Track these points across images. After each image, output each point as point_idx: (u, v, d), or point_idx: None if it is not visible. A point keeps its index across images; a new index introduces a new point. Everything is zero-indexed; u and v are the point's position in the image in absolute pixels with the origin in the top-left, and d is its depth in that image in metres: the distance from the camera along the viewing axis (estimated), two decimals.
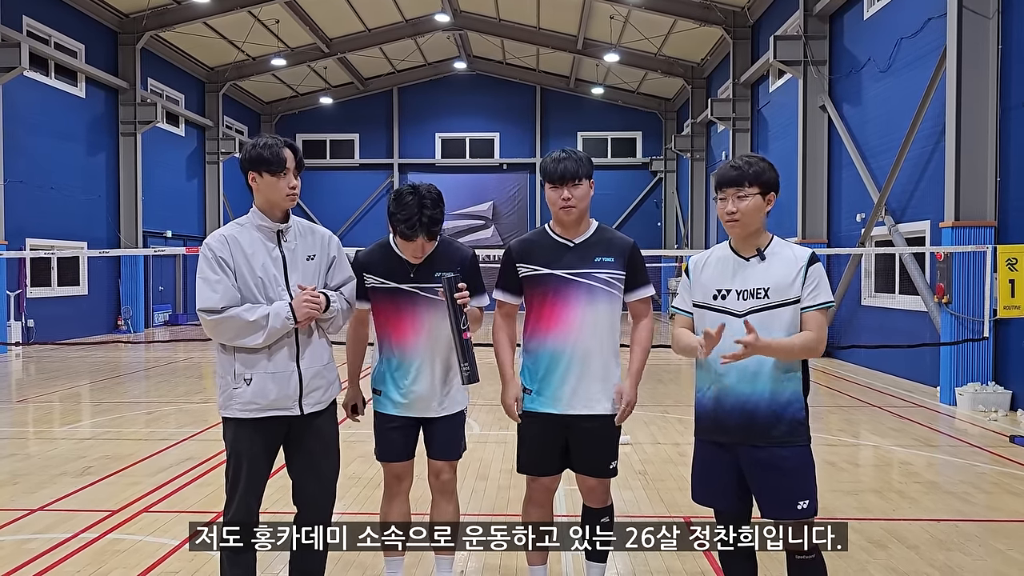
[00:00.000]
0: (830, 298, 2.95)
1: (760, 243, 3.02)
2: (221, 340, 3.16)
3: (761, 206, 2.98)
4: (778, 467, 2.91)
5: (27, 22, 16.53)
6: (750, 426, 2.93)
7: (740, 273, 3.01)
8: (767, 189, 2.98)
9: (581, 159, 3.37)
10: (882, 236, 12.42)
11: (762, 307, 2.94)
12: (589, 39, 23.28)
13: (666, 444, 7.26)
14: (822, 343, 2.91)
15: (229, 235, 3.19)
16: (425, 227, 3.35)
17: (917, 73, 11.18)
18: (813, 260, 2.96)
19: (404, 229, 3.35)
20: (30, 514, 5.17)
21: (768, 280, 2.95)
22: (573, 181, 3.33)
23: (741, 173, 2.97)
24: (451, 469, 3.65)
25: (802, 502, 2.90)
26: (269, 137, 3.23)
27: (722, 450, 3.02)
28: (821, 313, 2.93)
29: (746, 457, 2.96)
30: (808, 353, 2.93)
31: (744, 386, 2.94)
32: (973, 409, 8.89)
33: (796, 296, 2.93)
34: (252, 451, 3.20)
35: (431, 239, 3.42)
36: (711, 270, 3.09)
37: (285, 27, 21.92)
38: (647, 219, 28.24)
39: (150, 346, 16.91)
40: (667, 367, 12.87)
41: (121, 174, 19.77)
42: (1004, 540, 4.72)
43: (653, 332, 3.53)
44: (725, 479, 3.03)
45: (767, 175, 2.98)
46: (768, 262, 2.98)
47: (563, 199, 3.34)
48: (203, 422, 8.27)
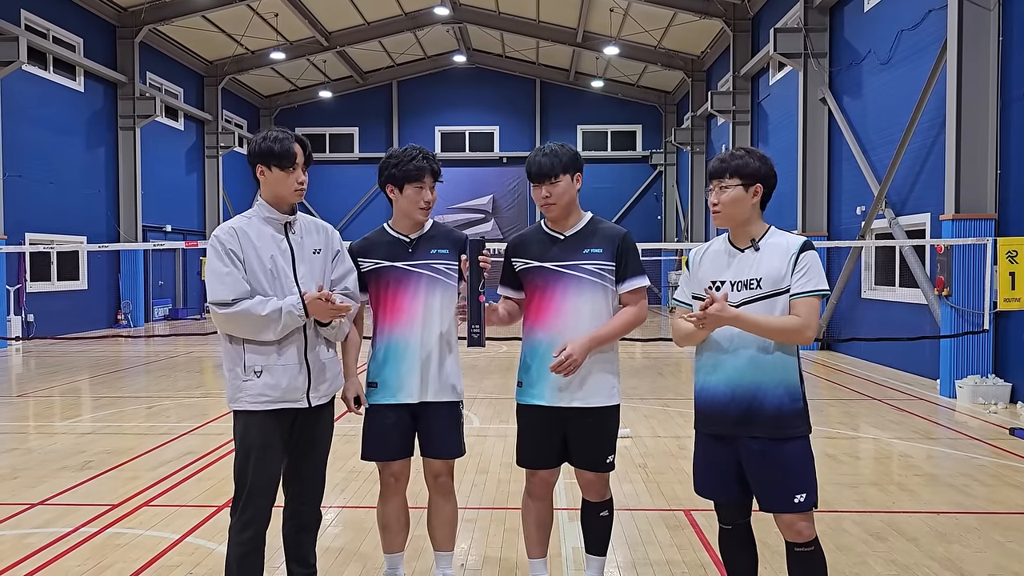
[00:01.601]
0: (820, 286, 2.89)
1: (755, 234, 3.02)
2: (235, 334, 3.13)
3: (743, 197, 2.97)
4: (775, 459, 2.90)
5: (25, 16, 16.49)
6: (746, 418, 2.92)
7: (735, 264, 3.02)
8: (750, 181, 2.97)
9: (559, 155, 3.35)
10: (882, 229, 12.41)
11: (755, 298, 2.93)
12: (589, 32, 23.23)
13: (666, 437, 7.26)
14: (808, 329, 2.86)
15: (238, 227, 3.18)
16: (429, 165, 3.47)
17: (917, 65, 11.15)
18: (805, 248, 2.93)
19: (413, 168, 3.43)
20: (30, 509, 5.18)
21: (761, 271, 2.95)
22: (550, 178, 3.34)
23: (723, 165, 3.00)
24: (449, 471, 3.61)
25: (799, 495, 2.88)
26: (279, 131, 3.22)
27: (720, 442, 3.01)
28: (809, 299, 2.88)
29: (743, 449, 2.95)
30: (789, 336, 2.87)
31: (740, 378, 2.93)
32: (973, 402, 8.89)
33: (787, 286, 2.91)
34: (263, 444, 3.15)
35: (436, 179, 3.52)
36: (708, 262, 3.10)
37: (284, 20, 21.87)
38: (647, 212, 28.23)
39: (150, 340, 16.92)
40: (667, 360, 12.87)
41: (120, 168, 19.76)
42: (1004, 532, 4.72)
43: (639, 320, 3.42)
44: (724, 471, 3.03)
45: (750, 167, 2.97)
46: (762, 253, 2.98)
47: (543, 197, 3.37)
48: (203, 416, 8.27)
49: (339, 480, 5.75)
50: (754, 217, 3.03)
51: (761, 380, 2.91)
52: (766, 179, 3.00)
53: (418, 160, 3.46)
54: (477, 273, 3.32)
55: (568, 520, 4.78)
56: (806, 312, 2.88)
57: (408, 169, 3.45)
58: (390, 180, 3.50)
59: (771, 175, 3.02)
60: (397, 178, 3.47)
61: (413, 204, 3.49)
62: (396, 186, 3.48)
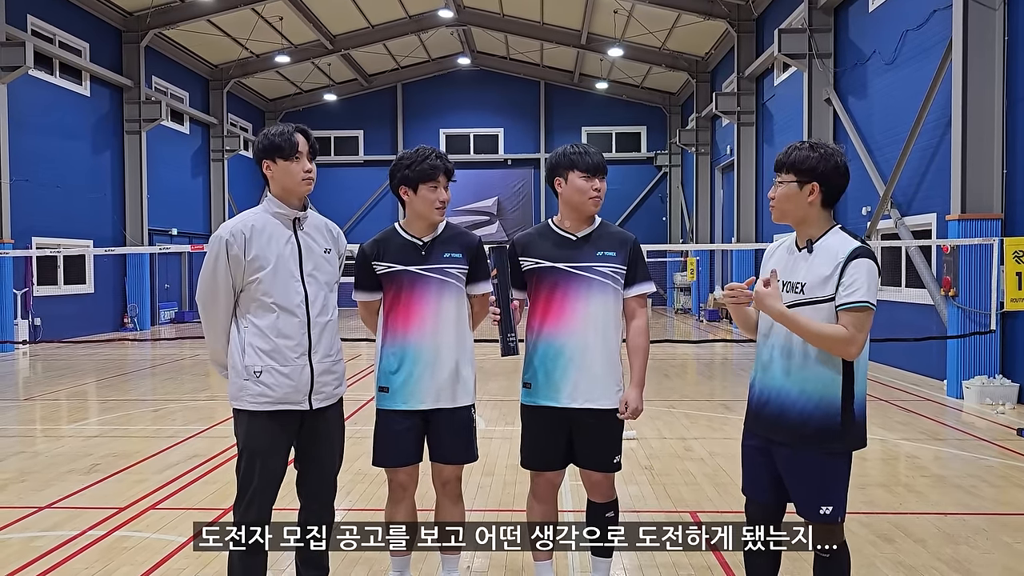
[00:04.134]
0: (865, 298, 2.69)
1: (813, 234, 2.89)
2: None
3: (797, 195, 2.85)
4: (802, 469, 2.86)
5: (32, 21, 16.56)
6: (778, 423, 2.89)
7: (790, 264, 2.94)
8: (806, 178, 2.83)
9: (602, 156, 3.49)
10: (888, 229, 12.37)
11: (798, 302, 2.83)
12: (593, 34, 23.22)
13: (672, 439, 7.25)
14: (853, 344, 2.70)
15: (244, 225, 3.17)
16: (443, 164, 3.45)
17: (923, 65, 11.12)
18: (854, 256, 2.73)
19: (428, 167, 3.40)
20: (37, 512, 5.19)
21: (808, 275, 2.83)
22: (604, 174, 3.42)
23: (782, 158, 2.90)
24: (458, 476, 3.60)
25: (825, 508, 2.84)
26: (281, 125, 3.23)
27: (759, 442, 3.00)
28: (853, 313, 2.70)
29: (777, 453, 2.93)
30: (831, 345, 2.72)
31: (778, 381, 2.88)
32: (980, 402, 8.86)
33: (831, 294, 2.75)
34: (264, 445, 3.15)
35: (450, 178, 3.50)
36: (774, 258, 3.05)
37: (289, 24, 21.92)
38: (652, 214, 28.20)
39: (156, 343, 16.97)
40: (672, 362, 12.86)
41: (127, 172, 19.82)
42: (1012, 533, 4.70)
43: (649, 331, 3.51)
44: (761, 472, 3.00)
45: (807, 163, 2.82)
46: (814, 255, 2.85)
47: (595, 189, 3.38)
48: (209, 419, 8.29)
49: (346, 482, 5.75)
50: (812, 216, 2.87)
51: (791, 389, 2.85)
52: (824, 178, 2.82)
53: (432, 159, 3.43)
54: (507, 281, 3.32)
55: (574, 521, 4.77)
56: (851, 324, 2.70)
57: (422, 169, 3.41)
58: (403, 182, 3.44)
59: (832, 173, 2.82)
60: (411, 179, 3.42)
61: (428, 204, 3.43)
62: (410, 187, 3.43)
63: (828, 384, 2.80)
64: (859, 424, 2.84)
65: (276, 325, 3.15)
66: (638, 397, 3.41)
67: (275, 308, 3.15)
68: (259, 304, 3.16)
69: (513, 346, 3.33)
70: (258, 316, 3.16)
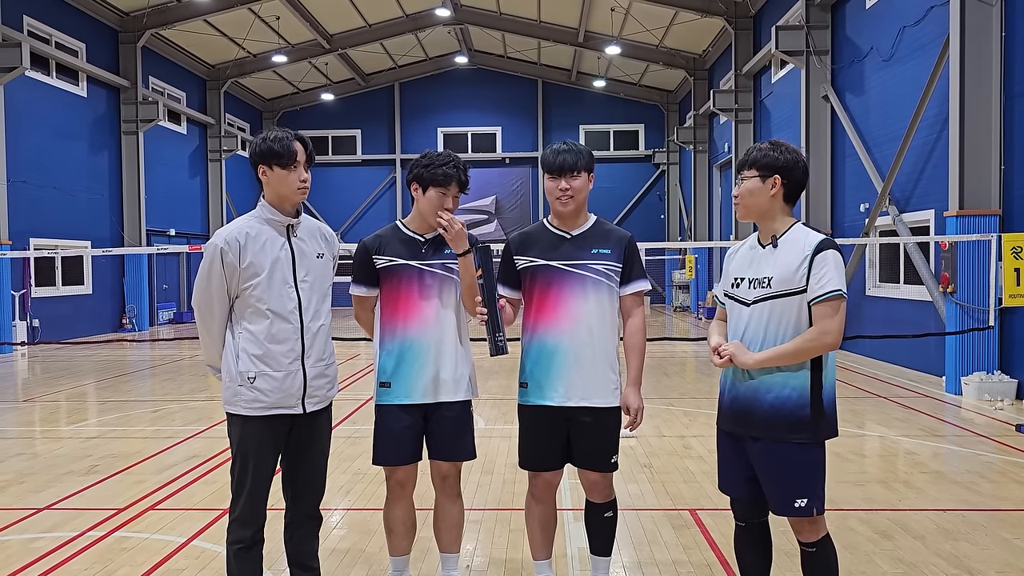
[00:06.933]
0: (836, 287, 2.76)
1: (777, 230, 2.96)
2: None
3: (760, 189, 2.94)
4: (775, 462, 2.88)
5: (28, 22, 16.54)
6: (749, 417, 2.92)
7: (756, 261, 2.98)
8: (767, 172, 2.93)
9: (581, 152, 3.39)
10: (886, 226, 12.38)
11: (766, 296, 2.88)
12: (590, 32, 23.22)
13: (671, 437, 7.26)
14: (828, 335, 2.76)
15: (239, 233, 3.17)
16: (458, 174, 3.45)
17: (920, 62, 11.13)
18: (821, 247, 2.80)
19: (441, 174, 3.41)
20: (37, 513, 5.19)
21: (774, 269, 2.88)
22: (571, 172, 3.34)
23: (744, 158, 3.00)
24: (456, 473, 3.61)
25: (800, 500, 2.84)
26: (279, 130, 3.23)
27: (733, 439, 3.02)
28: (826, 304, 2.77)
29: (751, 448, 2.95)
30: (812, 352, 2.79)
31: (747, 376, 2.92)
32: (979, 398, 8.87)
33: (800, 286, 2.81)
34: (258, 449, 3.19)
35: (461, 190, 3.50)
36: (737, 258, 3.10)
37: (285, 24, 21.90)
38: (650, 212, 28.21)
39: (155, 344, 16.95)
40: (671, 359, 12.87)
41: (124, 173, 19.80)
42: (1011, 529, 4.71)
43: (646, 329, 3.50)
44: (736, 467, 3.03)
45: (768, 158, 2.93)
46: (779, 250, 2.91)
47: (561, 189, 3.35)
48: (208, 419, 8.28)
49: (344, 482, 5.75)
50: (776, 211, 2.96)
51: (760, 381, 2.89)
52: (785, 170, 2.92)
53: (448, 167, 3.43)
54: (492, 280, 3.31)
55: (573, 520, 4.77)
56: (821, 318, 2.78)
57: (436, 172, 3.42)
58: (416, 179, 3.47)
59: (791, 167, 2.93)
60: (424, 179, 3.44)
61: (433, 209, 3.44)
62: (421, 185, 3.46)
63: (796, 375, 2.85)
64: (829, 414, 2.89)
65: (270, 331, 3.16)
66: (636, 395, 3.41)
67: (269, 314, 3.17)
68: (253, 310, 3.17)
69: (502, 345, 3.31)
70: (252, 322, 3.18)
